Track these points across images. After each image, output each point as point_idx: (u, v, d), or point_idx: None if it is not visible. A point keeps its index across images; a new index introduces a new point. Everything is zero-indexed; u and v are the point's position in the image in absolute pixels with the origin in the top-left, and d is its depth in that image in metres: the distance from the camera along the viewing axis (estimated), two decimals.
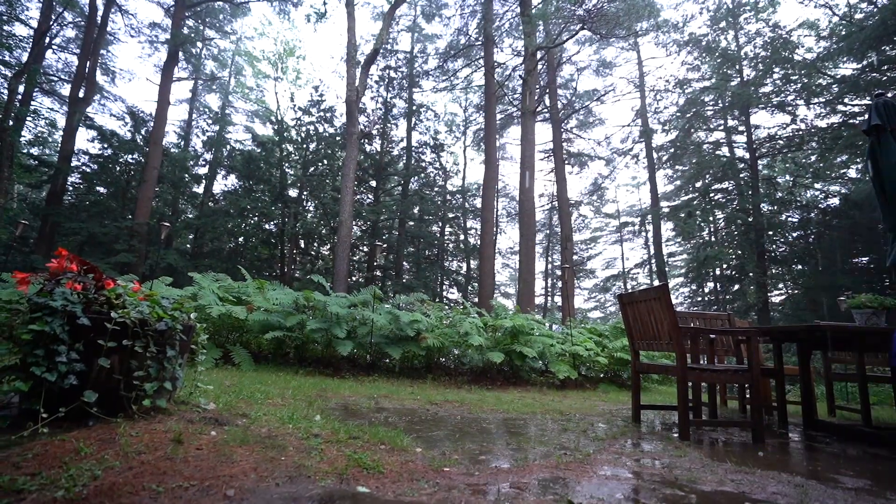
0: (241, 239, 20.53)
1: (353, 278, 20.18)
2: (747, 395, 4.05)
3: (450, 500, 1.46)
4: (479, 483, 1.67)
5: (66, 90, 17.61)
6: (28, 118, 14.59)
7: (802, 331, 2.86)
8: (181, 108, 24.22)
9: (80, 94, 15.77)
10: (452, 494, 1.51)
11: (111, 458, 1.54)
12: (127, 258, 13.87)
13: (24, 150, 15.56)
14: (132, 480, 1.37)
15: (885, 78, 11.43)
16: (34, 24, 14.85)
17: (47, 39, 15.54)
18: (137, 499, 1.26)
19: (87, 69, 16.08)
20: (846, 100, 12.78)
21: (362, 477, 1.61)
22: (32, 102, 15.26)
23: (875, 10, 11.41)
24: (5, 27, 13.49)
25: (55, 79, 18.46)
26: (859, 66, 12.20)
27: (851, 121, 12.57)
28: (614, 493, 1.64)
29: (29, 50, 14.30)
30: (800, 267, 15.02)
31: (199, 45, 20.79)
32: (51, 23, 14.96)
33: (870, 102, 3.39)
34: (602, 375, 6.46)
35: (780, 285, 16.91)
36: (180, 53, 18.13)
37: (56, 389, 1.78)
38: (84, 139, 28.94)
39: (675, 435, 2.85)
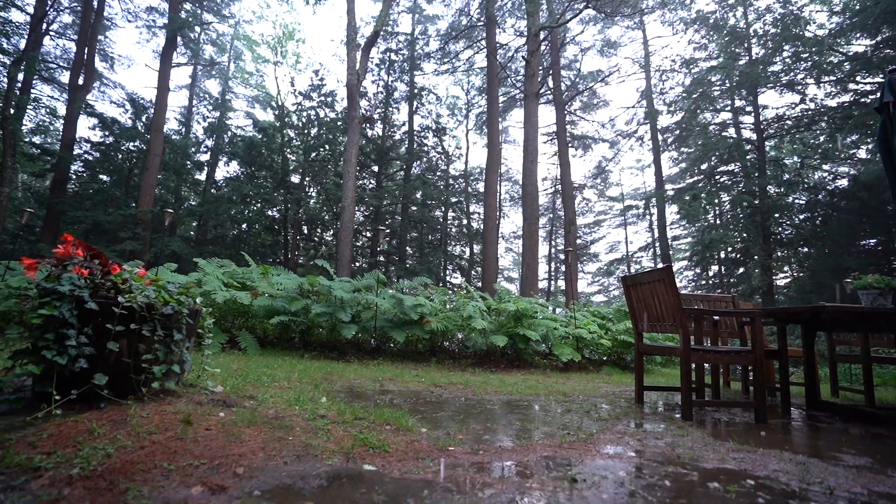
0: (244, 225, 20.56)
1: (357, 263, 20.25)
2: (750, 377, 4.07)
3: (455, 477, 1.49)
4: (484, 461, 1.69)
5: (65, 77, 17.49)
6: (29, 107, 14.54)
7: (807, 312, 2.85)
8: (181, 95, 23.95)
9: (80, 82, 15.67)
10: (457, 472, 1.54)
11: (123, 437, 1.57)
12: (132, 246, 13.95)
13: (27, 139, 15.56)
14: (144, 459, 1.40)
15: None
16: (31, 9, 14.67)
17: (44, 25, 15.35)
18: (150, 476, 1.29)
19: (85, 55, 15.93)
20: (858, 78, 12.48)
21: (368, 456, 1.64)
22: (32, 90, 15.18)
23: None
24: (2, 13, 13.34)
25: (54, 66, 18.30)
26: (872, 42, 11.87)
27: (863, 99, 12.30)
28: (617, 470, 1.67)
29: (26, 37, 14.15)
30: (806, 250, 14.89)
31: (198, 29, 20.49)
32: (47, 8, 14.77)
33: (882, 80, 3.30)
34: (605, 358, 6.50)
35: (786, 268, 16.81)
36: (178, 38, 17.89)
37: (67, 373, 1.81)
38: (85, 127, 28.89)
39: (678, 415, 2.88)
